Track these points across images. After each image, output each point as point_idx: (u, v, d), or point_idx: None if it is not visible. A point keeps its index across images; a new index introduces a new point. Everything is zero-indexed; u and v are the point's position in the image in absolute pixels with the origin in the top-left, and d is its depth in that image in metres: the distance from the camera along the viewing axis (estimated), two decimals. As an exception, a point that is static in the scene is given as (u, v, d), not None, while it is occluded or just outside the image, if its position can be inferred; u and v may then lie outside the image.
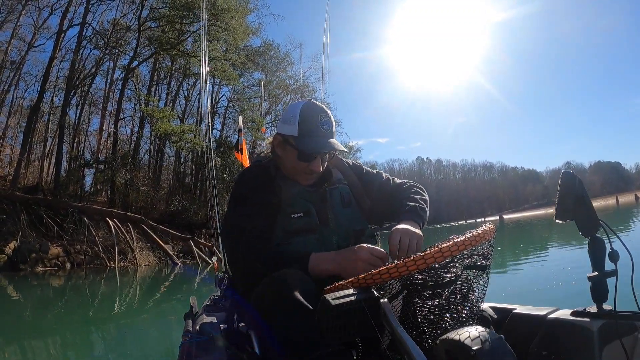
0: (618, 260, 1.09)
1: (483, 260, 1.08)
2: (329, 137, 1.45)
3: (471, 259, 1.05)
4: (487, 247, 1.07)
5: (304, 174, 1.48)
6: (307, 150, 1.42)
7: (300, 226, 1.40)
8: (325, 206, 1.46)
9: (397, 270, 0.93)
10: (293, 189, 1.46)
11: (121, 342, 4.40)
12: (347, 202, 1.52)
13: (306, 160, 1.44)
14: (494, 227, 1.07)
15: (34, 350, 4.15)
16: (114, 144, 21.69)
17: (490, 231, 1.04)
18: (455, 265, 1.03)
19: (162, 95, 26.93)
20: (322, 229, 1.42)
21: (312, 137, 1.42)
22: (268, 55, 28.77)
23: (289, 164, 1.49)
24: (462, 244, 0.95)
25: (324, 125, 1.44)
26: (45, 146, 24.19)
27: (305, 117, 1.43)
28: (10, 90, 22.73)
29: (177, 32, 21.29)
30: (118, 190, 20.21)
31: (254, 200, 1.43)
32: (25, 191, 16.10)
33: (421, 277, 1.00)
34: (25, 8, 20.85)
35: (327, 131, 1.44)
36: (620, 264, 1.09)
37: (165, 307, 6.44)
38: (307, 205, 1.43)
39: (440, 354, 0.93)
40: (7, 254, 12.13)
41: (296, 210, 1.42)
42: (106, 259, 13.63)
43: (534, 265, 7.01)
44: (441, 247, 0.93)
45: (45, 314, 6.36)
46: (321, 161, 1.47)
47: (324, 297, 0.92)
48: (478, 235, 0.99)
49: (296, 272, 1.18)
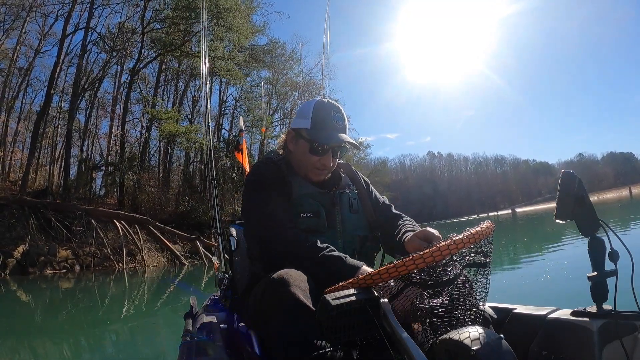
0: (618, 260, 1.09)
1: (482, 258, 1.07)
2: (341, 132, 1.48)
3: (470, 257, 1.05)
4: (486, 244, 1.06)
5: (315, 169, 1.49)
6: (319, 141, 1.45)
7: (308, 226, 1.40)
8: (334, 209, 1.46)
9: (397, 270, 0.93)
10: (304, 188, 1.47)
11: (125, 343, 4.46)
12: (355, 208, 1.52)
13: (318, 152, 1.47)
14: (493, 224, 1.06)
15: (44, 351, 4.21)
16: (122, 146, 21.86)
17: (488, 229, 1.03)
18: (454, 265, 1.02)
19: (169, 97, 27.12)
20: (329, 231, 1.43)
21: (324, 129, 1.47)
22: (274, 53, 28.83)
23: (300, 157, 1.51)
24: (460, 242, 0.94)
25: (336, 119, 1.48)
26: (55, 150, 24.50)
27: (318, 111, 1.48)
28: (19, 96, 23.08)
29: (183, 34, 21.35)
30: (127, 192, 20.37)
31: (274, 187, 1.44)
32: (34, 195, 16.27)
33: (420, 277, 0.99)
34: (30, 15, 21.06)
35: (339, 126, 1.49)
36: (620, 264, 1.08)
37: (171, 308, 6.49)
38: (317, 206, 1.44)
39: (440, 354, 0.93)
40: (16, 258, 12.25)
41: (306, 210, 1.42)
42: (115, 261, 13.73)
43: (535, 265, 6.98)
44: (440, 246, 0.93)
45: (55, 316, 6.44)
46: (332, 156, 1.49)
47: (324, 297, 0.92)
48: (477, 233, 0.98)
49: (296, 272, 1.18)
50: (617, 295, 1.09)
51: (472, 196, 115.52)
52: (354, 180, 1.62)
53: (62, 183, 20.04)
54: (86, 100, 23.26)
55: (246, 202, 1.49)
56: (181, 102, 26.76)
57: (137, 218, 15.50)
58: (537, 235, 14.96)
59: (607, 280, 1.12)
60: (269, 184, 1.45)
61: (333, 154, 1.49)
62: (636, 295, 1.05)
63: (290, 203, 1.43)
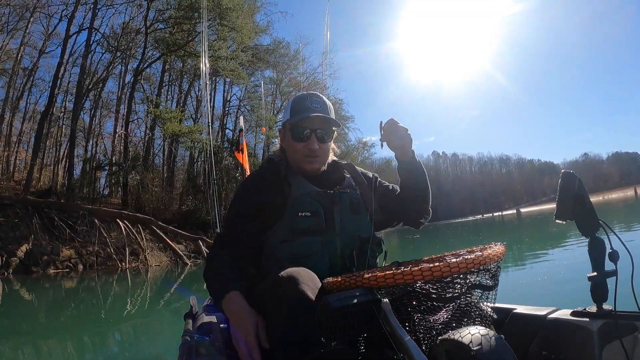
0: (618, 260, 1.09)
1: (489, 280, 1.08)
2: (317, 112, 1.48)
3: (477, 277, 1.05)
4: (495, 267, 1.07)
5: (304, 157, 1.49)
6: (295, 122, 1.48)
7: (306, 226, 1.39)
8: (334, 209, 1.44)
9: (403, 277, 0.94)
10: (303, 188, 1.45)
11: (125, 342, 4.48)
12: (356, 208, 1.49)
13: (301, 139, 1.48)
14: (504, 248, 1.09)
15: (46, 350, 4.23)
16: (125, 146, 21.93)
17: (500, 253, 1.05)
18: (460, 282, 1.02)
19: (173, 97, 27.17)
20: (327, 231, 1.41)
21: (300, 113, 1.48)
22: (278, 53, 28.86)
23: (290, 149, 1.53)
24: (471, 262, 0.96)
25: (313, 103, 1.50)
26: (59, 150, 24.62)
27: (296, 101, 1.53)
28: (24, 96, 23.19)
29: (186, 34, 21.41)
30: (130, 191, 20.45)
31: (252, 200, 1.47)
32: (38, 195, 16.34)
33: (425, 288, 1.00)
34: (34, 15, 21.17)
35: (316, 107, 1.49)
36: (620, 264, 1.08)
37: (172, 308, 6.50)
38: (316, 205, 1.42)
39: (440, 354, 0.93)
40: (19, 257, 12.32)
41: (304, 209, 1.40)
42: (118, 261, 13.78)
43: (535, 265, 6.96)
44: (450, 263, 0.94)
45: (58, 315, 6.47)
46: (318, 141, 1.48)
47: (324, 297, 0.93)
48: (488, 256, 1.00)
49: (305, 270, 1.18)
50: (617, 295, 1.09)
51: (477, 196, 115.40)
52: (357, 180, 1.59)
53: (66, 183, 20.12)
54: (90, 100, 23.40)
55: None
56: (185, 102, 26.85)
57: (140, 218, 15.55)
58: (539, 235, 14.89)
59: (607, 280, 1.12)
60: (249, 193, 1.50)
61: (318, 139, 1.48)
62: (636, 296, 1.05)
63: (289, 204, 1.43)
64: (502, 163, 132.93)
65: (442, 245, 14.58)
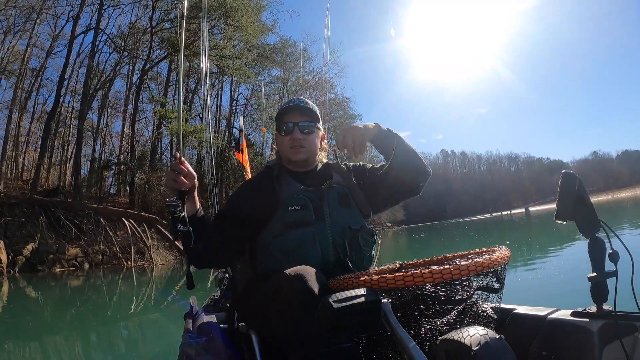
0: (618, 260, 1.09)
1: (495, 283, 1.10)
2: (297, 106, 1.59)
3: (484, 280, 1.08)
4: (501, 270, 1.09)
5: (290, 149, 1.57)
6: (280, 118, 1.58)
7: (296, 219, 1.45)
8: (322, 203, 1.51)
9: (413, 279, 0.94)
10: (293, 187, 1.53)
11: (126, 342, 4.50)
12: (345, 202, 1.55)
13: (285, 132, 1.57)
14: (509, 252, 1.11)
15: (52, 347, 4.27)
16: (131, 145, 22.03)
17: (505, 256, 1.07)
18: (468, 285, 1.04)
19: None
20: (317, 223, 1.46)
21: (285, 110, 1.60)
22: (285, 51, 28.90)
23: (279, 146, 1.63)
24: (480, 265, 0.97)
25: (294, 102, 1.61)
26: (67, 150, 24.77)
27: (282, 105, 1.64)
28: (32, 96, 23.34)
29: (192, 33, 21.46)
30: (137, 190, 20.55)
31: (238, 206, 1.58)
32: (45, 194, 16.47)
33: (433, 290, 1.01)
34: (41, 17, 21.30)
35: (298, 104, 1.59)
36: (620, 264, 1.08)
37: (173, 308, 6.51)
38: (305, 200, 1.49)
39: (440, 354, 0.93)
40: (25, 256, 12.42)
41: (294, 204, 1.47)
42: (123, 259, 13.86)
43: (535, 265, 6.95)
44: (459, 265, 0.95)
45: (62, 313, 6.52)
46: (300, 131, 1.56)
47: (325, 298, 0.93)
48: (496, 259, 1.01)
49: (309, 267, 1.19)
50: (617, 295, 1.08)
51: (486, 195, 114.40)
52: (343, 175, 1.66)
53: (73, 182, 20.25)
54: (98, 100, 23.51)
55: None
56: (192, 101, 26.92)
57: (145, 217, 15.63)
58: (544, 235, 14.77)
59: (607, 280, 1.12)
60: (239, 200, 1.59)
61: (301, 130, 1.56)
62: (636, 296, 1.05)
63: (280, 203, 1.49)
64: (511, 161, 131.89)
65: (448, 245, 14.55)
